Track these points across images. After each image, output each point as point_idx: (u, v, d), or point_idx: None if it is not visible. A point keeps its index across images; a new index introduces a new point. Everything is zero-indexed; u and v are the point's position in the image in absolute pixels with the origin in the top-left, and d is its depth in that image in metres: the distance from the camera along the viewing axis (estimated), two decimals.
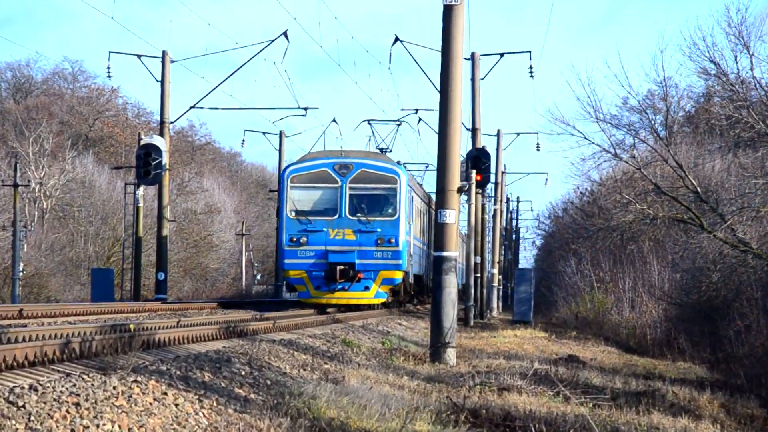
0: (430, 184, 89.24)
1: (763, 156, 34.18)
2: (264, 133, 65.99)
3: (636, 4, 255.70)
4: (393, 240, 37.40)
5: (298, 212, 37.48)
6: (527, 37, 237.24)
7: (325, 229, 37.18)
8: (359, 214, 37.43)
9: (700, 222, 32.75)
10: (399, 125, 52.29)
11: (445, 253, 23.86)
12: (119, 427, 11.31)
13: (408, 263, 39.23)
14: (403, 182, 38.19)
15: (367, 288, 37.42)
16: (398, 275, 37.91)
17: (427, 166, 63.51)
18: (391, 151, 50.90)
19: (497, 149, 63.53)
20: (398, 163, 42.28)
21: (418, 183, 44.61)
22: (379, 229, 37.45)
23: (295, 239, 37.17)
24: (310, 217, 37.35)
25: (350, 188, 37.48)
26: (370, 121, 52.62)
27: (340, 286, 37.11)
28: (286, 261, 37.37)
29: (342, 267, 36.92)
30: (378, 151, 49.20)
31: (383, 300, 38.90)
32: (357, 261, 37.09)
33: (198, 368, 15.24)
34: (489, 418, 14.36)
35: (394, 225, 37.59)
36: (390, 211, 37.88)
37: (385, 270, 37.48)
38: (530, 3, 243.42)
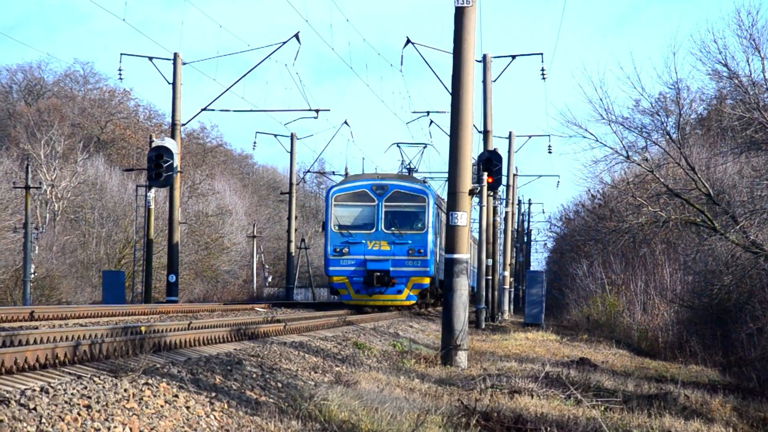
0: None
1: None
2: (275, 135, 65.98)
3: (651, 8, 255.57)
4: (422, 250, 42.48)
5: (340, 227, 42.92)
6: (539, 39, 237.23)
7: (363, 241, 42.64)
8: (393, 228, 42.71)
9: (713, 224, 32.66)
10: (425, 147, 59.75)
11: (456, 256, 23.82)
12: (130, 429, 11.31)
13: (435, 270, 43.33)
14: (431, 200, 43.22)
15: (399, 291, 42.45)
16: (426, 281, 42.65)
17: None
18: (417, 170, 58.47)
19: (509, 151, 63.36)
20: (424, 182, 47.17)
21: (443, 199, 48.46)
22: (410, 241, 42.59)
23: (338, 250, 42.62)
24: (351, 231, 42.78)
25: (385, 206, 42.85)
26: (399, 144, 60.39)
27: (377, 290, 42.37)
28: (331, 268, 42.78)
29: (378, 273, 42.21)
30: (407, 170, 57.65)
31: (414, 302, 43.59)
32: (391, 268, 42.29)
33: (209, 370, 15.23)
34: (500, 421, 14.33)
35: (423, 238, 42.67)
36: (419, 225, 42.82)
37: (415, 276, 42.44)
38: (542, 5, 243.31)
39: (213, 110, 50.20)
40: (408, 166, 58.85)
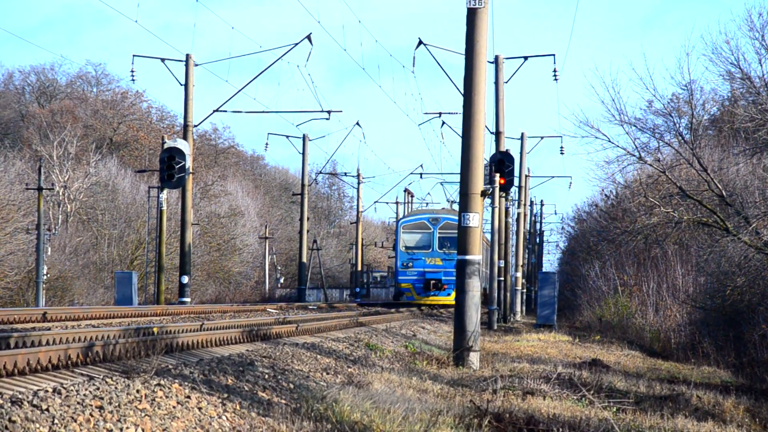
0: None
1: None
2: (287, 137, 66.06)
3: (676, 11, 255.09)
4: None
5: (407, 247, 58.46)
6: (552, 40, 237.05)
7: (423, 258, 58.02)
8: (444, 249, 57.11)
9: (725, 225, 32.56)
10: None
11: (468, 257, 23.80)
12: (142, 430, 11.32)
13: None
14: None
15: (449, 294, 56.00)
16: None
17: None
18: (456, 202, 72.53)
19: (521, 152, 63.29)
20: None
21: None
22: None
23: (405, 264, 58.19)
24: (414, 250, 58.23)
25: (439, 233, 57.77)
26: (443, 183, 78.37)
27: (432, 293, 57.48)
28: (400, 277, 58.52)
29: (433, 281, 57.32)
30: (450, 203, 74.54)
31: None
32: (443, 278, 56.74)
33: (221, 371, 15.25)
34: (512, 422, 14.31)
35: None
36: None
37: None
38: (555, 7, 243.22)
39: (225, 111, 50.58)
40: (450, 199, 75.96)
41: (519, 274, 64.81)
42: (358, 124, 69.68)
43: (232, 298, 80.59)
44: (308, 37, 46.31)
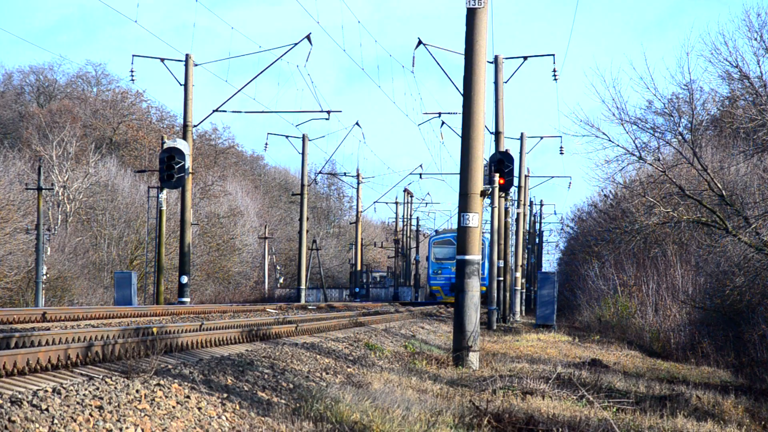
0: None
1: None
2: (287, 137, 66.03)
3: (683, 16, 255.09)
4: (482, 272, 56.41)
5: (437, 259, 75.59)
6: (552, 39, 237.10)
7: (449, 267, 72.44)
8: None
9: (725, 225, 32.53)
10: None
11: (467, 257, 23.78)
12: (142, 430, 11.32)
13: (488, 282, 60.53)
14: (486, 243, 63.80)
15: None
16: (483, 288, 55.18)
17: None
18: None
19: (520, 152, 63.24)
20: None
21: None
22: None
23: (435, 272, 75.31)
24: (442, 261, 74.80)
25: None
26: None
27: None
28: (431, 282, 76.29)
29: None
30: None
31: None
32: None
33: (221, 371, 15.24)
34: (512, 422, 14.31)
35: (482, 264, 55.79)
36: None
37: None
38: (555, 7, 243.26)
39: (225, 111, 50.51)
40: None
41: (518, 274, 64.85)
42: (357, 124, 69.63)
43: (231, 298, 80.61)
44: (308, 37, 46.35)
